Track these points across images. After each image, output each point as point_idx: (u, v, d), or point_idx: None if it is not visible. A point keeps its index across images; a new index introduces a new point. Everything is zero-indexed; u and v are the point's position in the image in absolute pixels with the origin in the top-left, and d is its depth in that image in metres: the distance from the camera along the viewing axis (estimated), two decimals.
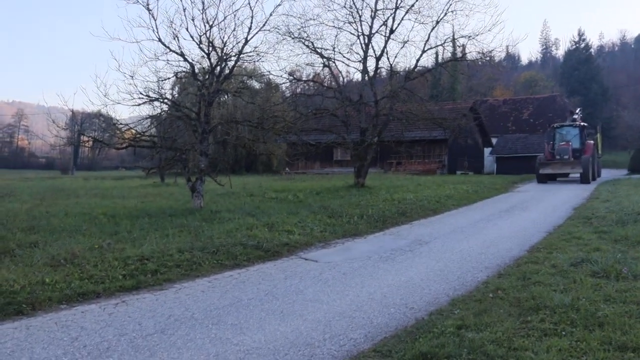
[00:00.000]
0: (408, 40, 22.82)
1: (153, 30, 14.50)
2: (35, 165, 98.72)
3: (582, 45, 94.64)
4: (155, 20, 14.45)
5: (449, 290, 6.78)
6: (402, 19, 22.50)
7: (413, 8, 21.99)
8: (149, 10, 14.37)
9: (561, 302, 5.66)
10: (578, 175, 28.53)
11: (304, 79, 26.62)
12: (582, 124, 31.25)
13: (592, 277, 6.76)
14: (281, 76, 25.83)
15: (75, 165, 77.31)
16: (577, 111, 36.74)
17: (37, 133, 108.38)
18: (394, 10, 22.23)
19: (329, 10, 23.36)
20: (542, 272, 7.16)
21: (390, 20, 22.42)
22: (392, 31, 22.48)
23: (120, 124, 16.79)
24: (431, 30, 22.14)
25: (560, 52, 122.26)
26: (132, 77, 14.37)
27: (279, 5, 16.07)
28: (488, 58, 23.48)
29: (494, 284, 6.81)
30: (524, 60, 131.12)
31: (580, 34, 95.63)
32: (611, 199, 17.11)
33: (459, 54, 24.50)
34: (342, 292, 6.74)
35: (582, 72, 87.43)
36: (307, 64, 24.59)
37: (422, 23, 22.50)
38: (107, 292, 6.69)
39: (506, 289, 6.43)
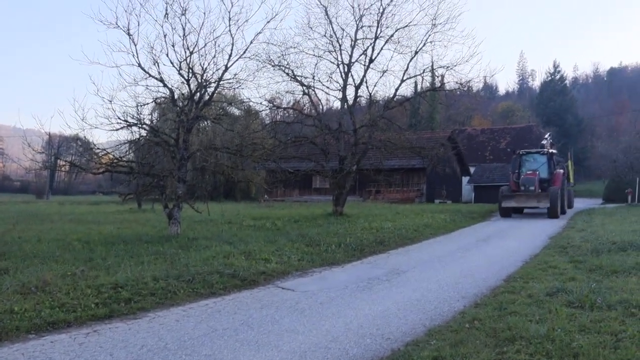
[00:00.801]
0: (387, 70, 23.10)
1: (133, 55, 14.49)
2: (9, 188, 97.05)
3: (557, 76, 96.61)
4: (135, 45, 14.45)
5: (426, 320, 6.76)
6: (382, 48, 22.83)
7: (392, 38, 22.35)
8: (129, 35, 14.38)
9: (537, 332, 5.67)
10: (545, 209, 25.26)
11: (283, 106, 26.77)
12: (550, 150, 27.94)
13: (567, 307, 6.80)
14: (261, 103, 26.02)
15: (50, 189, 76.23)
16: (545, 136, 33.08)
17: (12, 156, 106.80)
18: (373, 40, 22.55)
19: (309, 39, 23.55)
20: (518, 302, 7.19)
21: (370, 49, 22.74)
22: (371, 60, 22.76)
23: (98, 148, 16.60)
24: (410, 60, 22.48)
25: (536, 83, 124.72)
26: (110, 101, 14.29)
27: (260, 33, 16.15)
28: (466, 88, 23.90)
29: (470, 314, 6.80)
30: (502, 90, 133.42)
31: (556, 66, 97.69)
32: (586, 228, 17.32)
33: (438, 84, 24.83)
34: (318, 322, 6.68)
35: (557, 103, 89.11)
36: (287, 92, 24.71)
37: (402, 53, 22.83)
38: (79, 321, 6.54)
39: (483, 319, 6.43)
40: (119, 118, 14.45)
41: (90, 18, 14.67)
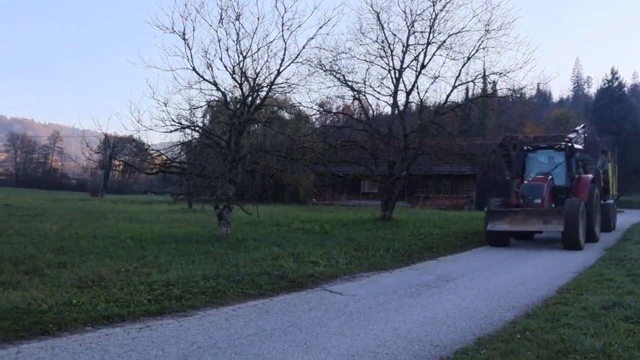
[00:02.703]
0: (439, 76, 22.83)
1: (188, 59, 14.80)
2: (66, 186, 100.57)
3: (615, 83, 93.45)
4: (190, 50, 14.75)
5: (475, 328, 6.65)
6: (434, 54, 22.58)
7: (444, 44, 22.08)
8: (184, 39, 14.70)
9: (592, 346, 5.49)
10: (559, 232, 15.66)
11: (334, 111, 26.79)
12: (573, 145, 18.52)
13: (625, 322, 6.55)
14: (311, 107, 26.20)
15: (105, 188, 78.48)
16: (578, 127, 24.14)
17: (70, 155, 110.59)
18: (425, 46, 22.35)
19: (360, 45, 23.54)
20: (571, 314, 6.98)
21: (422, 55, 22.53)
22: (423, 66, 22.57)
23: (152, 149, 17.03)
24: (462, 67, 22.15)
25: (592, 90, 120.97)
26: (165, 104, 14.64)
27: (312, 38, 16.20)
28: (519, 95, 23.38)
29: (521, 324, 6.65)
30: (555, 97, 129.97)
31: (614, 73, 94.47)
32: None
33: (490, 90, 24.42)
34: (366, 326, 6.66)
35: (614, 111, 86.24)
36: (338, 97, 24.73)
37: (454, 59, 22.52)
38: (132, 316, 6.71)
39: (534, 330, 6.28)
40: (173, 120, 14.80)
41: (148, 24, 15.08)
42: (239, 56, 15.18)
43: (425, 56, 22.49)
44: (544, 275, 10.89)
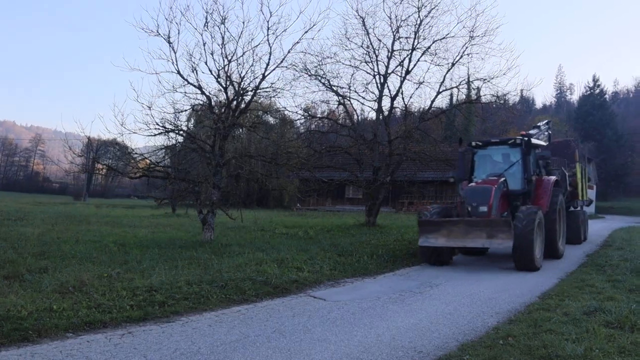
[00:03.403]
0: (423, 82, 22.94)
1: (172, 63, 14.75)
2: (48, 190, 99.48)
3: (597, 90, 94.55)
4: (175, 53, 14.71)
5: (458, 334, 6.67)
6: (418, 60, 22.70)
7: (429, 50, 22.20)
8: (169, 43, 14.65)
9: (574, 352, 5.55)
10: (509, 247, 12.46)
11: (318, 115, 26.81)
12: (530, 140, 14.94)
13: (605, 327, 6.61)
14: (296, 112, 26.13)
15: (87, 191, 77.78)
16: (543, 122, 21.29)
17: (52, 158, 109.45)
18: (410, 51, 22.46)
19: (346, 50, 23.53)
20: (554, 320, 7.03)
21: (407, 61, 22.63)
22: (408, 72, 22.67)
23: (136, 153, 16.93)
24: (447, 72, 22.28)
25: (574, 97, 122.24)
26: (149, 107, 14.56)
27: (297, 43, 16.19)
28: (502, 101, 23.56)
29: (504, 330, 6.69)
30: (539, 104, 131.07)
31: (595, 80, 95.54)
32: (625, 247, 16.85)
33: (474, 96, 24.56)
34: (350, 332, 6.65)
35: (596, 118, 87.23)
36: (323, 101, 24.73)
37: (438, 65, 22.65)
38: (114, 322, 6.65)
39: (517, 336, 6.32)
40: (157, 124, 14.73)
41: (132, 26, 15.00)
42: (224, 60, 15.17)
43: (410, 62, 22.61)
44: (526, 282, 10.95)
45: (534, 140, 15.24)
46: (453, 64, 22.12)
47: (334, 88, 23.18)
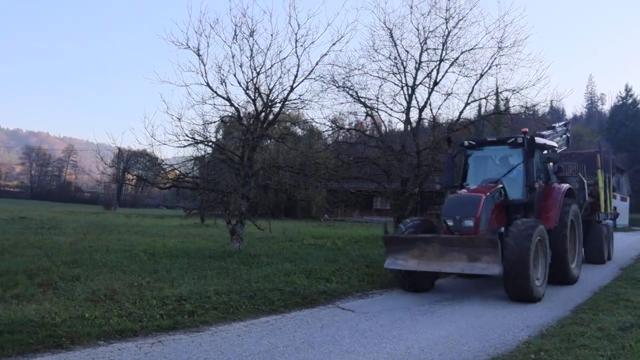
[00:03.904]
0: (451, 93, 22.78)
1: (202, 75, 14.92)
2: (80, 199, 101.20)
3: (630, 100, 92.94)
4: (204, 65, 14.88)
5: (489, 348, 6.58)
6: (447, 71, 22.55)
7: (457, 61, 22.06)
8: (199, 55, 14.83)
9: None
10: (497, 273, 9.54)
11: (346, 127, 26.83)
12: (533, 138, 12.36)
13: None
14: (324, 124, 26.16)
15: (118, 201, 78.94)
16: (560, 124, 19.77)
17: (84, 168, 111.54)
18: (438, 62, 22.36)
19: (373, 61, 23.50)
20: (587, 335, 6.89)
21: (435, 72, 22.51)
22: (436, 83, 22.56)
23: (165, 164, 17.14)
24: (475, 83, 22.10)
25: (606, 108, 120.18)
26: (179, 119, 14.75)
27: (325, 55, 16.24)
28: (532, 112, 23.29)
29: (536, 344, 6.57)
30: (569, 114, 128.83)
31: (628, 90, 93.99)
32: None
33: (503, 107, 24.32)
34: (378, 344, 6.62)
35: (629, 128, 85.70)
36: (350, 113, 24.70)
37: (466, 76, 22.47)
38: (145, 331, 6.73)
39: (549, 351, 6.21)
40: (186, 135, 14.89)
41: (163, 39, 15.25)
42: (252, 72, 15.28)
43: (438, 73, 22.49)
44: (558, 295, 10.75)
45: (538, 140, 12.57)
46: (481, 75, 21.96)
47: (362, 99, 23.17)
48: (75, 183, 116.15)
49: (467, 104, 22.59)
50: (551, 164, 13.17)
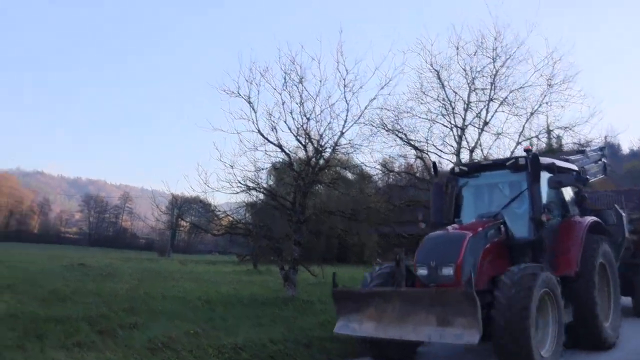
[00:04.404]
0: (502, 132, 22.54)
1: (253, 122, 15.25)
2: (135, 245, 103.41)
3: None
4: (255, 113, 15.23)
5: None
6: (496, 110, 22.41)
7: (507, 100, 21.94)
8: (250, 103, 15.21)
9: None
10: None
11: (396, 169, 26.77)
12: (537, 157, 9.42)
13: None
14: (374, 167, 26.19)
15: (171, 247, 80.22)
16: (595, 148, 17.44)
17: (139, 215, 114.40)
18: (487, 102, 22.26)
19: (422, 103, 23.56)
20: None
21: (484, 112, 22.41)
22: (485, 123, 22.41)
23: (218, 210, 17.42)
24: (525, 122, 21.86)
25: None
26: (232, 166, 15.05)
27: (374, 99, 16.42)
28: (585, 149, 22.80)
29: None
30: (625, 149, 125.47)
31: None
32: None
33: (555, 145, 23.89)
34: None
35: None
36: (400, 155, 24.72)
37: (516, 115, 22.26)
38: None
39: None
40: (239, 182, 15.16)
41: (215, 88, 15.68)
42: (302, 118, 15.53)
43: (487, 113, 22.37)
44: None
45: (545, 160, 10.00)
46: (532, 113, 21.74)
47: (412, 142, 23.18)
48: (130, 229, 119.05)
49: (518, 143, 22.30)
50: (570, 192, 10.47)
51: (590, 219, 10.09)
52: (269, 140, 15.52)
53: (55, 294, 13.72)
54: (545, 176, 9.39)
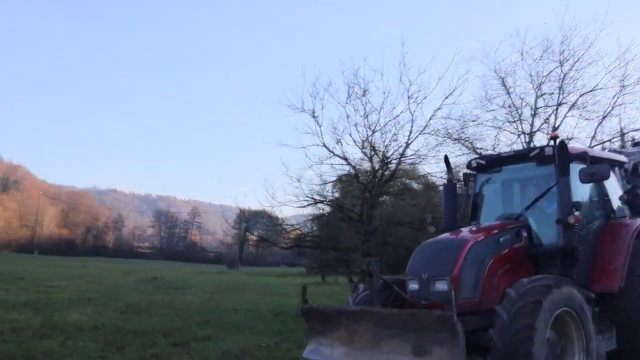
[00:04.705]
0: (572, 137, 21.76)
1: (318, 136, 15.43)
2: (204, 259, 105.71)
3: None
4: (320, 127, 15.42)
5: None
6: (565, 116, 21.68)
7: (576, 104, 21.21)
8: (314, 117, 15.41)
9: None
10: None
11: (462, 179, 26.32)
12: (565, 144, 7.35)
13: None
14: (441, 177, 25.87)
15: (240, 260, 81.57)
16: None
17: (208, 229, 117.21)
18: (555, 107, 21.57)
19: (487, 111, 23.08)
20: None
21: (552, 117, 21.74)
22: (554, 129, 21.71)
23: (286, 224, 17.63)
24: (597, 126, 21.02)
25: None
26: (298, 180, 15.27)
27: (439, 109, 16.33)
28: None
29: None
30: None
31: None
32: None
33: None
34: None
35: None
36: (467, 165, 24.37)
37: (587, 119, 21.45)
38: None
39: None
40: (305, 195, 15.35)
41: (281, 104, 15.99)
42: (367, 130, 15.61)
43: (556, 118, 21.66)
44: None
45: (576, 148, 8.16)
46: (604, 117, 20.88)
47: (478, 150, 22.75)
48: (200, 243, 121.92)
49: (590, 147, 21.54)
50: (618, 189, 8.32)
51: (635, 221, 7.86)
52: (334, 154, 15.67)
53: (131, 307, 14.24)
54: (577, 168, 7.32)
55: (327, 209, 17.91)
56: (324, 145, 15.56)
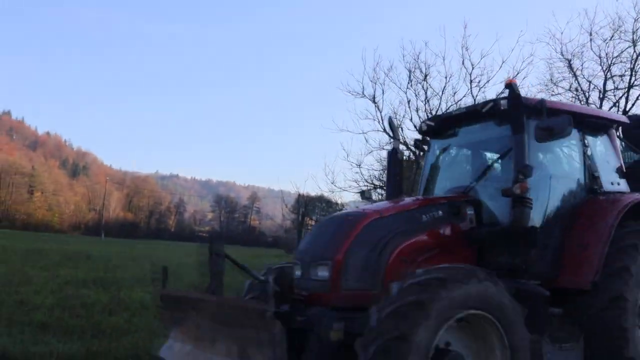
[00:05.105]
0: None
1: (378, 122, 15.36)
2: (263, 243, 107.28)
3: None
4: (380, 112, 15.35)
5: None
6: (637, 98, 20.79)
7: None
8: (374, 102, 15.34)
9: None
10: None
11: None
12: (518, 92, 5.45)
13: None
14: None
15: (298, 244, 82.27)
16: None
17: (266, 214, 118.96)
18: (626, 90, 20.73)
19: (552, 95, 22.31)
20: None
21: (623, 100, 20.87)
22: (625, 112, 20.88)
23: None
24: None
25: None
26: (358, 166, 15.27)
27: (502, 93, 15.96)
28: None
29: None
30: None
31: None
32: None
33: None
34: None
35: None
36: None
37: None
38: None
39: None
40: (365, 181, 15.31)
41: (340, 90, 15.97)
42: (428, 115, 15.36)
43: (626, 101, 20.82)
44: None
45: (529, 99, 5.76)
46: None
47: None
48: (258, 228, 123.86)
49: None
50: (613, 157, 6.51)
51: (632, 197, 5.95)
52: (394, 139, 15.52)
53: (193, 286, 14.59)
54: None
55: None
56: (384, 131, 15.51)
